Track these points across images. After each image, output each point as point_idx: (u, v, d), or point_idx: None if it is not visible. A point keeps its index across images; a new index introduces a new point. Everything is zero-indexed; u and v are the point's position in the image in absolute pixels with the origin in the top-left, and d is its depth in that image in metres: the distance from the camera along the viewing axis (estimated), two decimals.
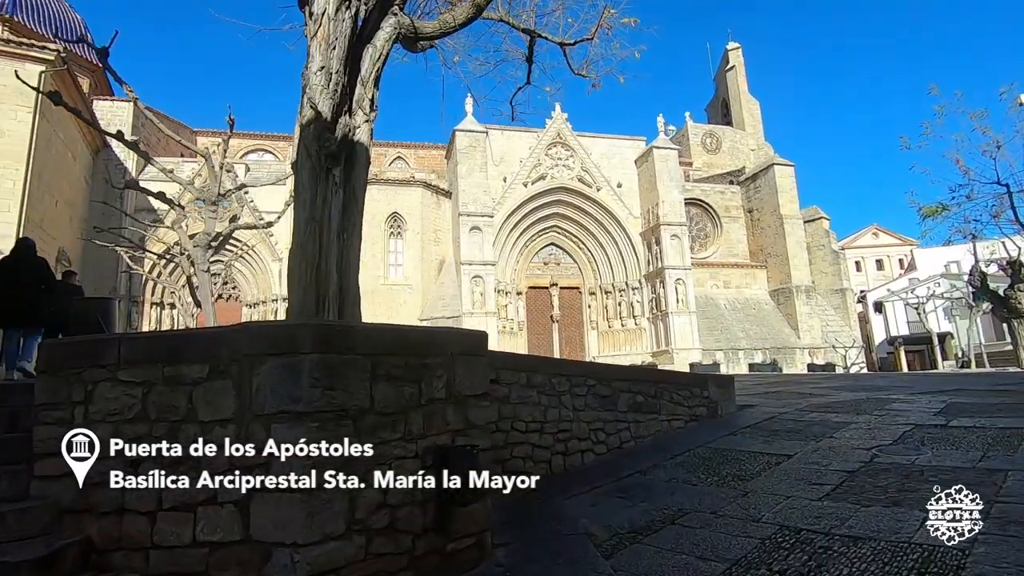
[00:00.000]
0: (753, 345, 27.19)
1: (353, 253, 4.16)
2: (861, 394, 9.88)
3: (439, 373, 3.30)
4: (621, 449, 6.15)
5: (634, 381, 6.57)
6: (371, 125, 4.46)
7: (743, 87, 42.87)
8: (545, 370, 5.52)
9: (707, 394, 7.75)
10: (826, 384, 12.58)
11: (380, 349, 3.02)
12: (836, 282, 30.47)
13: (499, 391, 5.08)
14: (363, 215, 4.44)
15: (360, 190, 4.29)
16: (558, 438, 5.49)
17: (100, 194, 22.29)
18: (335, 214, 4.02)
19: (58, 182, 18.54)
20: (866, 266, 48.78)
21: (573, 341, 28.67)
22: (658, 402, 6.87)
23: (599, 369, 6.33)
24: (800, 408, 8.23)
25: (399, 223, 23.89)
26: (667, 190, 26.90)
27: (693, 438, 6.48)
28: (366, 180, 4.40)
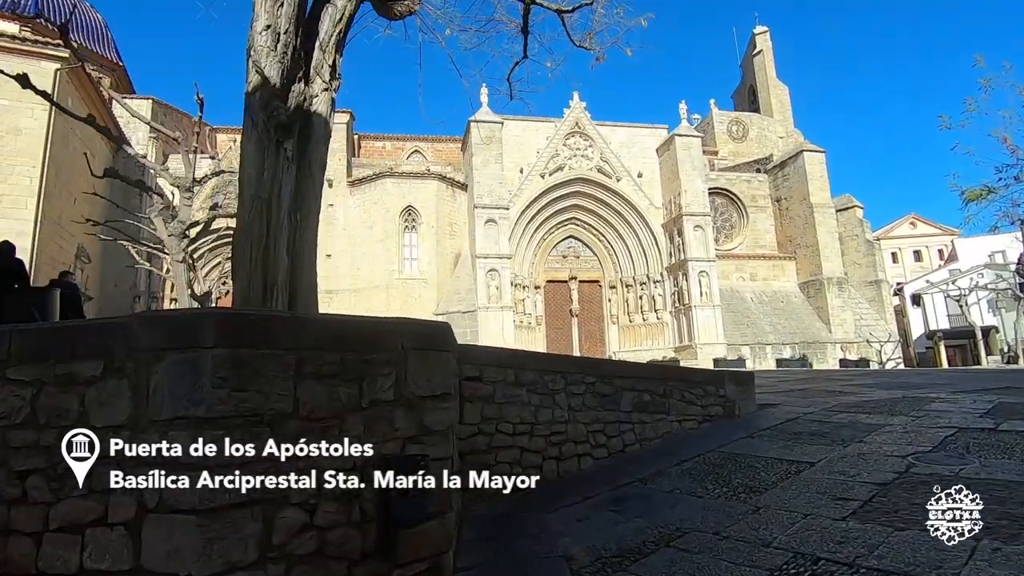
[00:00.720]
0: (781, 340, 26.10)
1: (308, 236, 3.72)
2: (896, 392, 9.09)
3: (386, 371, 2.84)
4: (624, 453, 5.63)
5: (639, 379, 6.02)
6: (332, 95, 4.01)
7: (771, 72, 41.27)
8: (535, 366, 5.02)
9: (723, 392, 7.14)
10: (858, 381, 11.75)
11: (308, 343, 2.57)
12: (870, 273, 29.06)
13: (482, 390, 4.62)
14: (321, 194, 4.00)
15: (318, 167, 3.85)
16: (551, 441, 5.00)
17: (120, 191, 22.61)
18: (286, 192, 3.59)
19: (76, 179, 18.76)
20: (903, 257, 46.69)
21: (593, 336, 28.03)
22: (667, 401, 6.31)
23: (598, 365, 5.79)
24: (827, 408, 7.54)
25: (414, 216, 23.59)
26: (690, 179, 25.96)
27: (705, 441, 5.90)
28: (325, 156, 3.96)
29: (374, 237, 23.30)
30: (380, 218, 23.30)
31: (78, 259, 18.68)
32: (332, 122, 4.02)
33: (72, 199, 18.31)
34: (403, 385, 2.91)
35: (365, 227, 23.64)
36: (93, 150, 20.19)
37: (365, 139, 32.10)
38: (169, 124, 25.09)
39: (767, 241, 30.11)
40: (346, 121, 25.15)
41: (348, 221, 24.00)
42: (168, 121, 24.87)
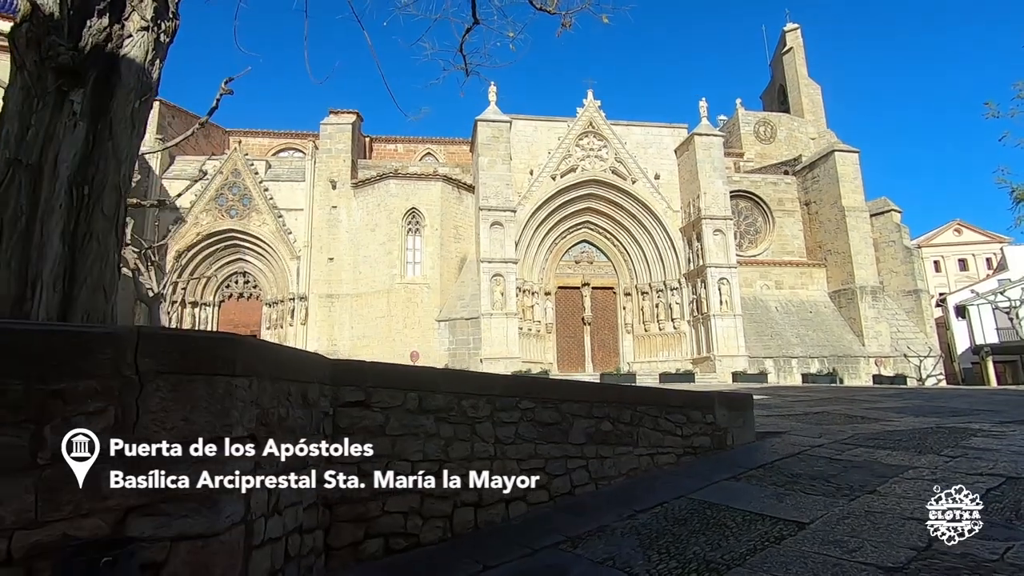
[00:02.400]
0: (808, 352, 24.33)
1: (101, 219, 2.81)
2: (930, 420, 7.73)
3: (91, 408, 1.88)
4: (572, 496, 4.56)
5: (597, 403, 4.94)
6: (162, 39, 3.11)
7: (802, 70, 39.32)
8: (449, 387, 4.02)
9: (711, 419, 6.00)
10: (888, 403, 10.32)
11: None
12: (909, 282, 26.98)
13: (369, 419, 3.64)
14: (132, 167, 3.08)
15: (125, 129, 2.94)
16: (467, 483, 3.98)
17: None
18: (66, 157, 2.69)
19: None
20: (946, 266, 43.84)
21: (607, 345, 26.75)
22: (635, 431, 5.21)
23: (538, 387, 4.73)
24: (842, 439, 6.31)
25: (418, 219, 22.86)
26: (710, 180, 24.53)
27: (678, 482, 4.79)
28: (141, 117, 3.05)
29: (376, 240, 22.66)
30: (383, 220, 22.65)
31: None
32: (156, 73, 3.12)
33: None
34: (127, 429, 1.94)
35: (368, 229, 23.02)
36: None
37: (377, 141, 31.70)
38: (178, 127, 25.07)
39: (795, 247, 28.33)
40: (351, 122, 24.69)
41: (351, 224, 23.44)
42: (177, 123, 24.84)
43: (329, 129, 24.23)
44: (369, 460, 3.51)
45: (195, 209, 22.68)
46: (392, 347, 21.41)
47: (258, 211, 23.15)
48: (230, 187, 23.15)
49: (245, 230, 23.10)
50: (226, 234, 23.14)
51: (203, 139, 27.07)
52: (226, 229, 23.03)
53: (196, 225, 22.73)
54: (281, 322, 23.03)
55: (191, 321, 22.90)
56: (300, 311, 22.46)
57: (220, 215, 23.04)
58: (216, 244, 23.25)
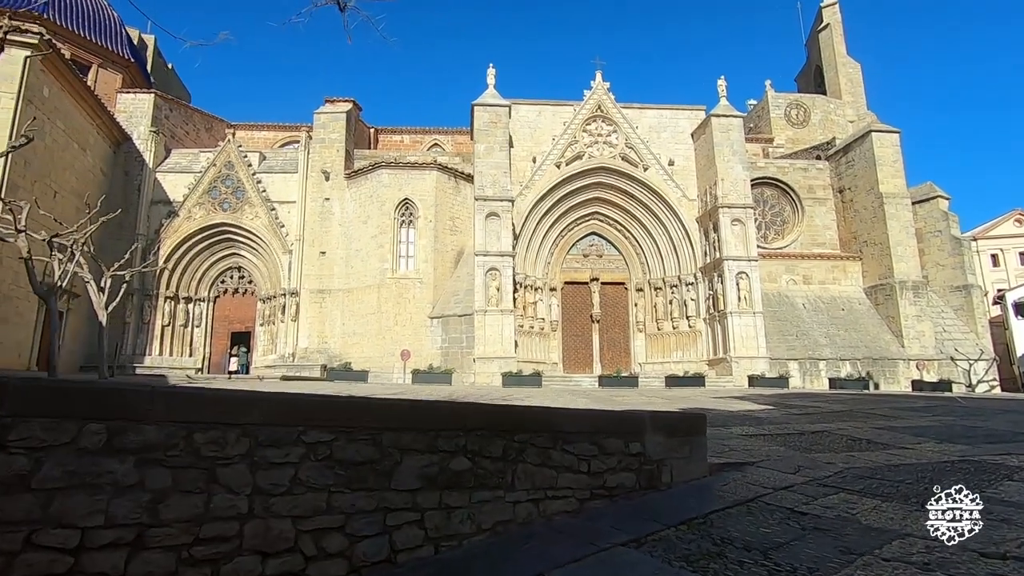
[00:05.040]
0: (839, 354, 22.02)
1: None
2: (955, 448, 6.01)
3: None
4: (393, 564, 3.23)
5: (447, 431, 3.57)
6: None
7: (839, 48, 36.31)
8: (169, 415, 2.74)
9: (638, 449, 4.56)
10: (911, 419, 8.50)
11: None
12: (958, 277, 24.23)
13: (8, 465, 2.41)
14: None
15: None
16: (191, 556, 2.70)
17: (120, 186, 22.29)
18: None
19: (59, 172, 18.30)
20: (1005, 260, 40.05)
21: (617, 344, 25.07)
22: (511, 468, 3.83)
23: (338, 411, 3.33)
24: (824, 477, 4.77)
25: (411, 210, 21.74)
26: (728, 166, 22.52)
27: (544, 551, 3.38)
28: None
29: (368, 233, 21.66)
30: (375, 212, 21.62)
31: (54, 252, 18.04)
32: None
33: (52, 192, 17.78)
34: None
35: (360, 222, 22.05)
36: (84, 143, 19.79)
37: (383, 133, 30.80)
38: (177, 119, 24.74)
39: (826, 238, 25.89)
40: (347, 110, 23.74)
41: (344, 216, 22.52)
42: (175, 116, 24.49)
43: (323, 118, 23.34)
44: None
45: (188, 203, 22.20)
46: (382, 344, 20.39)
47: (251, 204, 22.51)
48: (223, 180, 22.57)
49: (238, 223, 22.49)
50: (219, 227, 22.59)
51: (205, 132, 26.72)
52: (219, 223, 22.47)
53: (189, 219, 22.25)
54: (273, 318, 22.35)
55: (184, 317, 22.47)
56: (291, 307, 21.69)
57: (213, 208, 22.50)
58: (210, 238, 22.72)
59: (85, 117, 19.66)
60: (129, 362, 20.81)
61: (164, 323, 21.90)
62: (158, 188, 22.39)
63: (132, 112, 22.70)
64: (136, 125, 22.39)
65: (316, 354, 21.01)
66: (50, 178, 17.79)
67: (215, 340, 23.14)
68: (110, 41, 24.62)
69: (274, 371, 20.57)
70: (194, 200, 22.34)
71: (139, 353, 21.25)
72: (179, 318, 22.33)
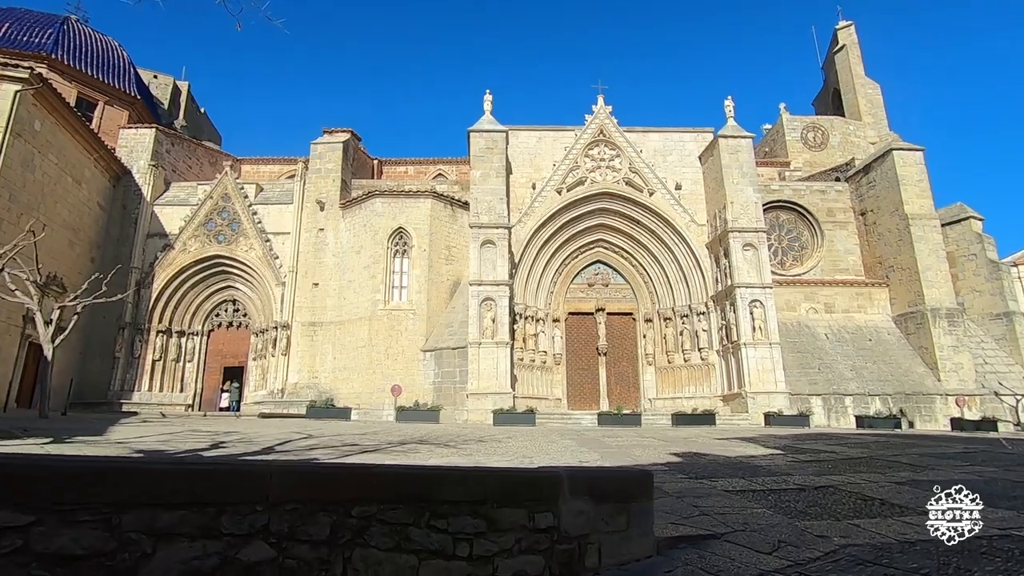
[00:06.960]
0: (867, 389, 20.15)
1: None
2: (994, 517, 4.63)
3: None
4: None
5: (236, 504, 2.55)
6: None
7: (857, 69, 35.18)
8: None
9: (551, 522, 3.43)
10: (938, 473, 7.04)
11: None
12: (997, 304, 22.25)
13: None
14: None
15: None
16: None
17: (118, 219, 22.27)
18: None
19: (50, 206, 18.22)
20: None
21: (626, 378, 23.62)
22: (346, 555, 2.77)
23: (37, 477, 2.30)
24: (808, 561, 3.55)
25: (405, 239, 21.07)
26: (737, 188, 21.36)
27: None
28: None
29: (361, 263, 21.01)
30: (368, 242, 21.01)
31: (48, 287, 17.84)
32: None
33: (41, 226, 17.62)
34: None
35: (353, 252, 21.46)
36: (79, 177, 19.82)
37: (387, 164, 30.66)
38: (179, 153, 24.88)
39: (849, 264, 24.26)
40: (344, 140, 23.51)
41: (338, 247, 21.99)
42: (177, 150, 24.64)
43: (320, 148, 23.14)
44: None
45: (183, 235, 22.01)
46: (372, 379, 19.43)
47: (245, 235, 22.20)
48: (219, 212, 22.39)
49: (232, 255, 22.15)
50: (214, 260, 22.28)
51: (209, 167, 26.84)
52: (213, 255, 22.18)
53: (184, 251, 22.02)
54: (265, 352, 21.69)
55: (176, 351, 21.99)
56: (282, 340, 21.01)
57: (208, 240, 22.24)
58: (205, 271, 22.41)
59: (81, 151, 19.75)
60: (117, 397, 20.29)
61: (155, 357, 21.43)
62: (155, 221, 22.31)
63: (133, 147, 22.89)
64: (137, 159, 22.53)
65: (306, 389, 20.16)
66: (42, 211, 17.68)
67: (207, 375, 22.56)
68: (117, 79, 25.18)
69: (261, 407, 19.77)
70: (189, 232, 22.15)
71: (127, 388, 20.73)
72: (171, 352, 21.85)
